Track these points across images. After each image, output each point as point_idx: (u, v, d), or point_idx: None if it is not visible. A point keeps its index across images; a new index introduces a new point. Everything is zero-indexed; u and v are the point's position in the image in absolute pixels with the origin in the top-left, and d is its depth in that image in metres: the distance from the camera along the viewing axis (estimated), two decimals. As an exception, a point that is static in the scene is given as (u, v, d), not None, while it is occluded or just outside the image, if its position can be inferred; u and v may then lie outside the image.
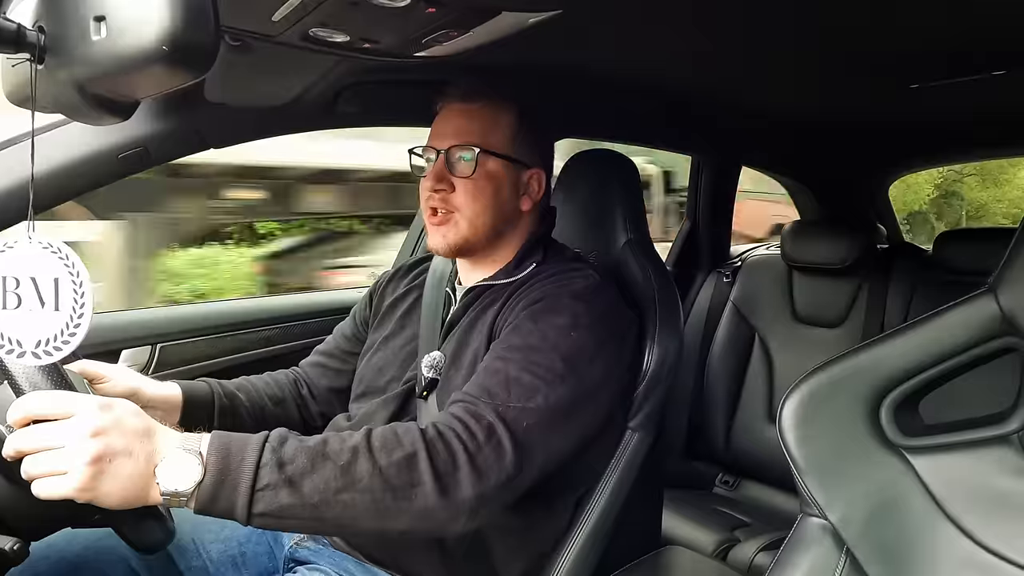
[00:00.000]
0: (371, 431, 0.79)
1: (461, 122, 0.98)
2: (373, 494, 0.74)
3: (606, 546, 1.02)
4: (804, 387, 0.72)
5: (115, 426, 0.66)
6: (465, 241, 0.99)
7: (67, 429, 0.64)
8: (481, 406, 0.83)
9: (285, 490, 0.71)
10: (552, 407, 0.85)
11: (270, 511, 0.70)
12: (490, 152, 0.97)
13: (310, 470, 0.72)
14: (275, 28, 0.84)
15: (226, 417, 1.06)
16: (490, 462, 0.80)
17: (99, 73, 0.53)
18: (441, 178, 0.97)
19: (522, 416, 0.83)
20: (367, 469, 0.74)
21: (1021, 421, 0.63)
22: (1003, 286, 0.65)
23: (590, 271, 1.00)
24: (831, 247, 1.85)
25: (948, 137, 1.95)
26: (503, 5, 0.81)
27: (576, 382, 0.88)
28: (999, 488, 0.63)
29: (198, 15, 0.49)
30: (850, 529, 0.67)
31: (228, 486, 0.69)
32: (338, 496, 0.73)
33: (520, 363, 0.86)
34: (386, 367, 1.08)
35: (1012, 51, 1.09)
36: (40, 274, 0.64)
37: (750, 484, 1.98)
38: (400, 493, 0.75)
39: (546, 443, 0.85)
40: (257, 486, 0.70)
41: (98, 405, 0.66)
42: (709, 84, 1.42)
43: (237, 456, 0.71)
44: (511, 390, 0.84)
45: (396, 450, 0.76)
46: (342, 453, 0.75)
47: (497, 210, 1.00)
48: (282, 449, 0.73)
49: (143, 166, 1.05)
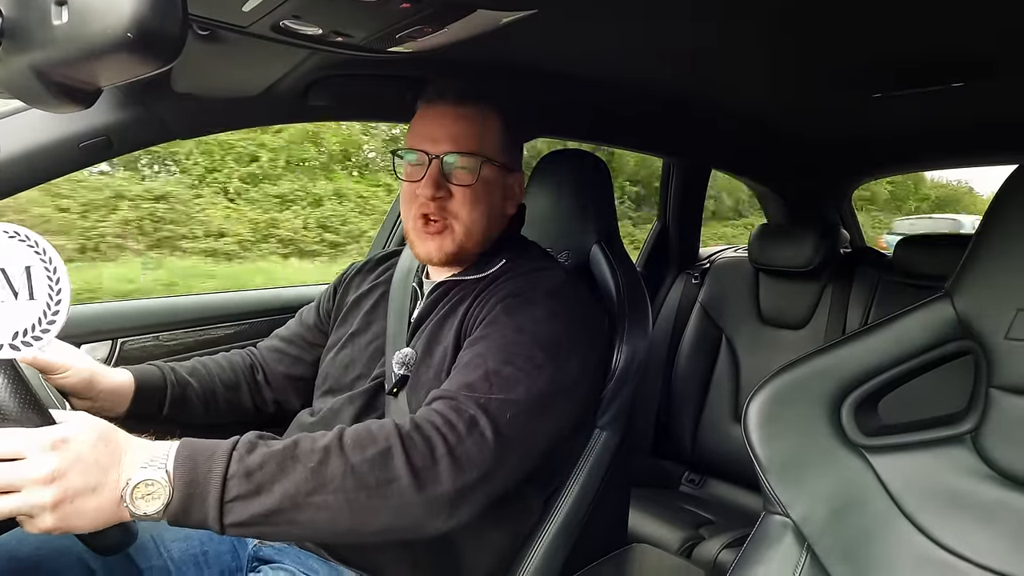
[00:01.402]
0: (344, 429, 0.77)
1: (456, 127, 0.96)
2: (346, 494, 0.72)
3: (573, 544, 1.03)
4: (768, 387, 0.74)
5: (74, 463, 0.64)
6: (461, 249, 0.98)
7: (22, 472, 0.62)
8: (462, 399, 0.82)
9: (255, 499, 0.70)
10: (533, 398, 0.85)
11: (243, 521, 0.69)
12: (489, 159, 0.96)
13: (280, 475, 0.71)
14: (245, 18, 0.82)
15: (176, 406, 1.04)
16: (471, 454, 0.78)
17: (59, 59, 0.52)
18: (439, 185, 0.95)
19: (505, 407, 0.82)
20: (339, 468, 0.73)
21: (974, 422, 0.65)
22: (959, 291, 0.67)
23: (559, 269, 1.00)
24: (796, 250, 1.89)
25: (910, 145, 2.01)
26: (478, 3, 0.80)
27: (554, 372, 0.87)
28: (953, 487, 0.65)
29: (165, 3, 0.48)
30: (811, 526, 0.69)
31: (197, 500, 0.68)
32: (310, 498, 0.71)
33: (499, 356, 0.86)
34: (352, 364, 1.07)
35: (967, 63, 1.12)
36: (9, 264, 0.63)
37: (715, 482, 2.01)
38: (375, 491, 0.73)
39: (526, 435, 0.85)
40: (226, 498, 0.69)
41: (52, 442, 0.64)
42: (680, 87, 1.43)
43: (204, 468, 0.69)
44: (492, 382, 0.83)
45: (369, 446, 0.75)
46: (313, 454, 0.73)
47: (490, 217, 0.99)
48: (249, 457, 0.71)
49: (106, 156, 1.02)
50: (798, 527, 0.70)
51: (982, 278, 0.65)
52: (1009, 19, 0.93)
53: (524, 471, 0.87)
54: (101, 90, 0.60)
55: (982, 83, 1.23)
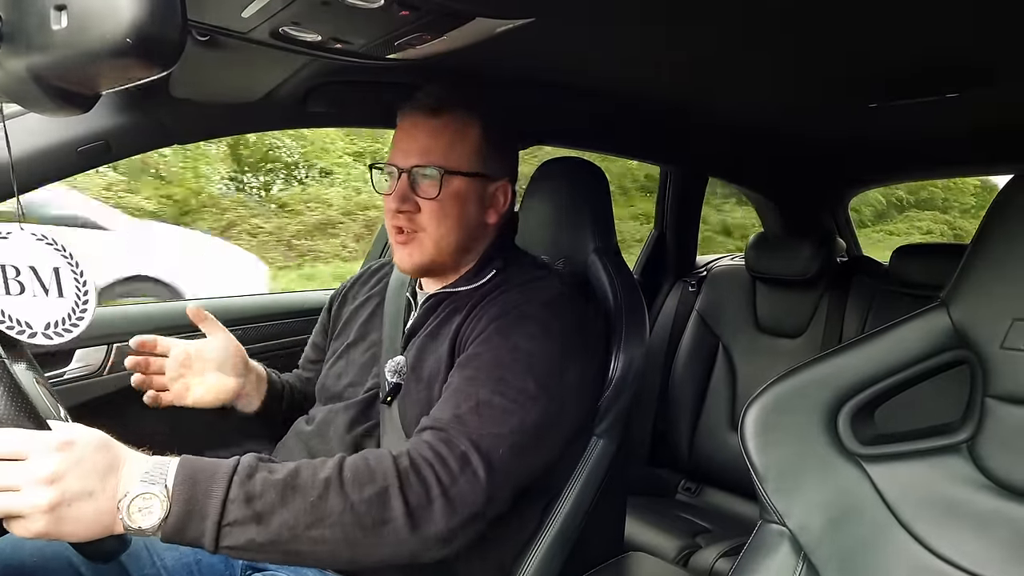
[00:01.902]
0: (343, 461, 0.77)
1: (424, 139, 0.95)
2: (344, 529, 0.73)
3: (570, 552, 1.02)
4: (765, 396, 0.74)
5: (73, 467, 0.64)
6: (431, 261, 0.98)
7: (23, 472, 0.62)
8: (453, 433, 0.82)
9: (254, 526, 0.70)
10: (527, 429, 0.85)
11: (239, 545, 0.70)
12: (454, 171, 0.95)
13: (280, 505, 0.71)
14: (244, 24, 0.83)
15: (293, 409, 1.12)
16: (464, 493, 0.79)
17: (58, 64, 0.52)
18: (405, 199, 0.95)
19: (497, 443, 0.82)
20: (338, 505, 0.73)
21: (970, 431, 0.66)
22: (955, 300, 0.67)
23: (555, 280, 0.99)
24: (793, 259, 1.90)
25: (907, 155, 2.02)
26: (477, 11, 0.81)
27: (548, 401, 0.87)
28: (949, 496, 0.65)
29: (164, 8, 0.48)
30: (808, 535, 0.69)
31: (195, 519, 0.68)
32: (308, 532, 0.72)
33: (491, 386, 0.85)
34: (344, 373, 1.07)
35: (963, 74, 1.13)
36: (39, 263, 0.68)
37: (712, 491, 2.01)
38: (372, 529, 0.74)
39: (520, 466, 0.86)
40: (224, 521, 0.69)
41: (57, 444, 0.64)
42: (677, 95, 1.44)
43: (204, 488, 0.69)
44: (483, 416, 0.83)
45: (368, 485, 0.75)
46: (313, 487, 0.73)
47: (463, 228, 0.98)
48: (250, 482, 0.71)
49: (104, 160, 1.02)
50: (794, 536, 0.69)
51: (978, 288, 0.65)
52: (1006, 29, 0.94)
53: (518, 495, 0.88)
54: (100, 95, 0.60)
55: (978, 92, 1.23)
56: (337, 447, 0.98)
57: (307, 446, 1.02)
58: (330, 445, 0.99)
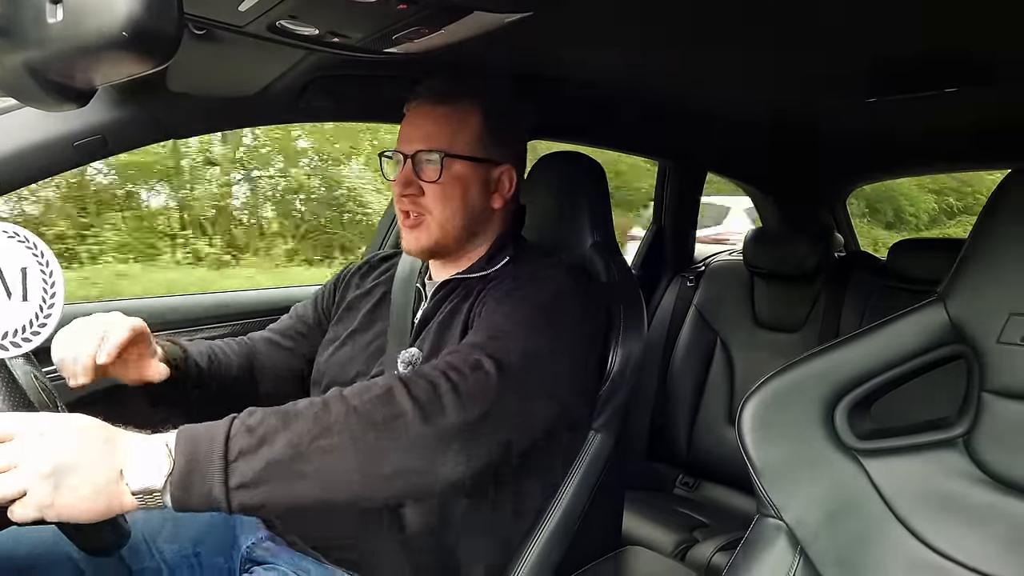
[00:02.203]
0: (341, 388, 0.78)
1: (427, 125, 0.98)
2: (352, 432, 0.72)
3: (568, 546, 1.03)
4: (763, 390, 0.74)
5: (70, 437, 0.64)
6: (437, 243, 1.00)
7: (17, 448, 0.62)
8: (465, 350, 0.84)
9: (259, 453, 0.68)
10: (534, 350, 0.86)
11: (249, 480, 0.68)
12: (455, 155, 0.97)
13: (282, 427, 0.71)
14: (241, 18, 0.82)
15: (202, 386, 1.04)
16: (474, 389, 0.79)
17: (54, 57, 0.51)
18: (409, 182, 0.98)
19: (508, 351, 0.83)
20: (341, 410, 0.73)
21: (967, 426, 0.66)
22: (952, 295, 0.67)
23: (563, 268, 1.00)
24: (791, 254, 1.90)
25: (905, 150, 2.02)
26: (475, 5, 0.80)
27: (553, 336, 0.89)
28: (946, 490, 0.65)
29: (160, 1, 0.48)
30: (805, 530, 0.69)
31: (201, 466, 0.67)
32: (315, 443, 0.70)
33: (503, 319, 0.89)
34: (350, 363, 1.06)
35: (962, 69, 1.13)
36: (6, 264, 0.63)
37: (709, 485, 2.01)
38: (382, 427, 0.73)
39: (528, 380, 0.85)
40: (230, 457, 0.68)
41: (51, 419, 0.64)
42: (676, 90, 1.44)
43: (206, 438, 0.69)
44: (496, 336, 0.86)
45: (370, 389, 0.76)
46: (313, 405, 0.74)
47: (467, 211, 1.00)
48: (250, 418, 0.71)
49: (100, 155, 1.02)
50: (791, 530, 0.70)
51: (975, 283, 0.66)
52: (1004, 24, 0.94)
53: (524, 430, 0.86)
54: (96, 89, 0.60)
55: (977, 88, 1.23)
56: None
57: None
58: None
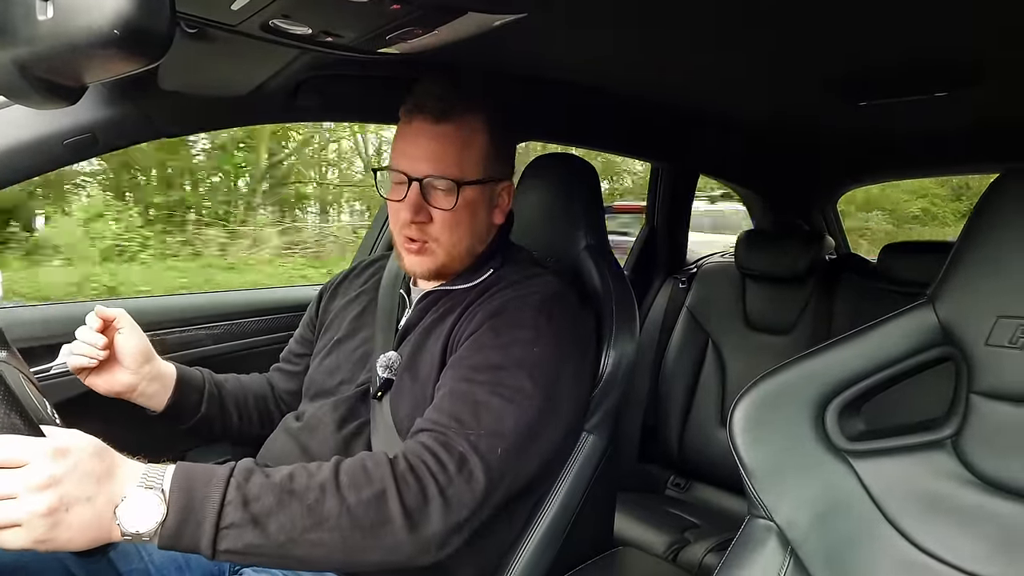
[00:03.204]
0: (340, 464, 0.77)
1: (433, 146, 0.93)
2: (342, 532, 0.73)
3: (560, 547, 1.03)
4: (754, 392, 0.74)
5: (71, 472, 0.64)
6: (443, 267, 0.98)
7: (20, 479, 0.62)
8: (452, 436, 0.82)
9: (251, 529, 0.69)
10: (522, 429, 0.85)
11: (236, 549, 0.69)
12: (468, 182, 0.94)
13: (276, 509, 0.71)
14: (234, 17, 0.82)
15: (213, 405, 1.09)
16: (461, 494, 0.79)
17: (44, 55, 0.51)
18: (419, 210, 0.93)
19: (495, 443, 0.82)
20: (335, 508, 0.73)
21: (955, 427, 0.66)
22: (941, 298, 0.68)
23: (550, 277, 0.99)
24: (782, 257, 1.90)
25: (894, 153, 2.03)
26: (469, 5, 0.80)
27: (543, 399, 0.87)
28: (934, 491, 0.66)
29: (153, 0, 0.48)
30: (795, 530, 0.69)
31: (192, 524, 0.68)
32: (305, 535, 0.72)
33: (487, 385, 0.85)
34: (337, 369, 1.06)
35: (949, 74, 1.14)
36: None
37: (701, 486, 2.02)
38: (369, 531, 0.74)
39: (516, 465, 0.86)
40: (222, 524, 0.68)
41: (53, 450, 0.64)
42: (668, 93, 1.44)
43: (201, 492, 0.69)
44: (480, 417, 0.83)
45: (365, 488, 0.75)
46: (309, 491, 0.73)
47: (474, 234, 0.98)
48: (247, 485, 0.71)
49: (91, 153, 1.01)
50: (782, 531, 0.70)
51: (963, 285, 0.66)
52: (993, 29, 0.94)
53: (512, 494, 0.88)
54: (86, 87, 0.59)
55: (966, 92, 1.24)
56: (327, 444, 0.98)
57: (298, 442, 1.01)
58: (320, 442, 0.99)
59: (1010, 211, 0.64)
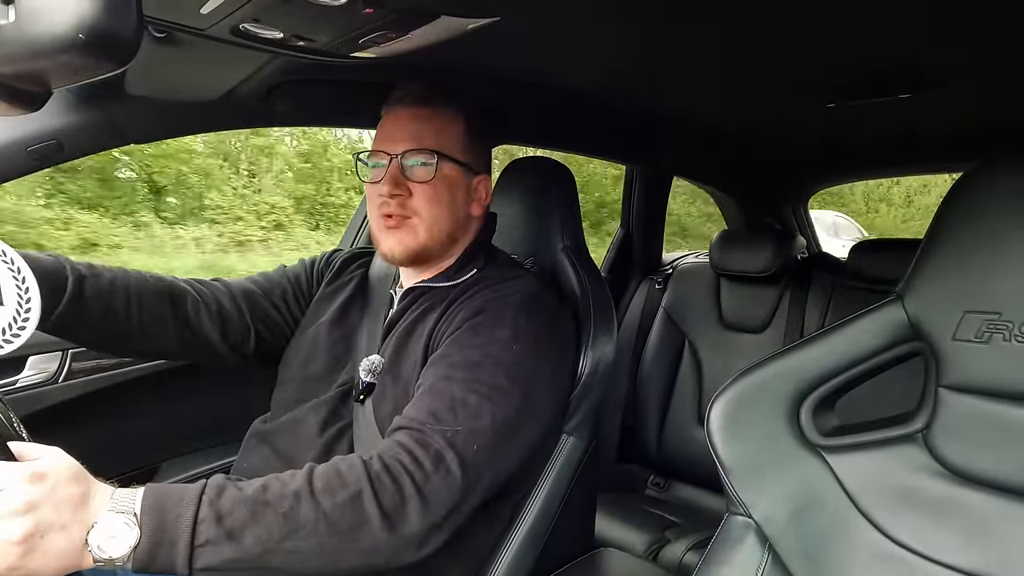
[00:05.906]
0: (313, 470, 0.76)
1: (413, 125, 0.96)
2: (319, 537, 0.72)
3: (540, 549, 1.03)
4: (730, 391, 0.75)
5: (47, 498, 0.62)
6: (423, 247, 0.98)
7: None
8: (428, 432, 0.81)
9: (226, 544, 0.69)
10: (499, 426, 0.85)
11: (213, 565, 0.68)
12: (446, 156, 0.96)
13: (251, 521, 0.70)
14: (203, 21, 0.81)
15: (74, 303, 0.90)
16: (439, 491, 0.79)
17: (6, 60, 0.50)
18: (397, 183, 0.95)
19: (471, 439, 0.82)
20: (310, 514, 0.72)
21: (925, 420, 0.68)
22: (909, 294, 0.69)
23: (530, 277, 1.00)
24: (756, 256, 1.93)
25: (864, 154, 2.07)
26: (442, 9, 0.80)
27: (521, 397, 0.87)
28: (906, 484, 0.67)
29: (119, 3, 0.47)
30: (772, 526, 0.70)
31: (166, 545, 0.67)
32: (282, 544, 0.71)
33: (465, 382, 0.85)
34: (312, 358, 1.05)
35: (913, 77, 1.17)
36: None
37: (680, 485, 2.03)
38: (346, 534, 0.73)
39: (494, 462, 0.85)
40: (196, 542, 0.67)
41: (30, 475, 0.62)
42: (641, 95, 1.45)
43: (173, 513, 0.68)
44: (457, 413, 0.83)
45: (340, 491, 0.75)
46: (283, 499, 0.72)
47: (453, 216, 0.99)
48: (220, 501, 0.70)
49: (55, 160, 0.99)
50: (760, 527, 0.71)
51: (931, 282, 0.68)
52: (956, 32, 0.97)
53: (492, 493, 0.88)
54: (51, 92, 0.58)
55: (932, 94, 1.27)
56: (309, 448, 0.97)
57: (272, 447, 1.00)
58: (301, 446, 0.98)
59: (975, 207, 0.65)
